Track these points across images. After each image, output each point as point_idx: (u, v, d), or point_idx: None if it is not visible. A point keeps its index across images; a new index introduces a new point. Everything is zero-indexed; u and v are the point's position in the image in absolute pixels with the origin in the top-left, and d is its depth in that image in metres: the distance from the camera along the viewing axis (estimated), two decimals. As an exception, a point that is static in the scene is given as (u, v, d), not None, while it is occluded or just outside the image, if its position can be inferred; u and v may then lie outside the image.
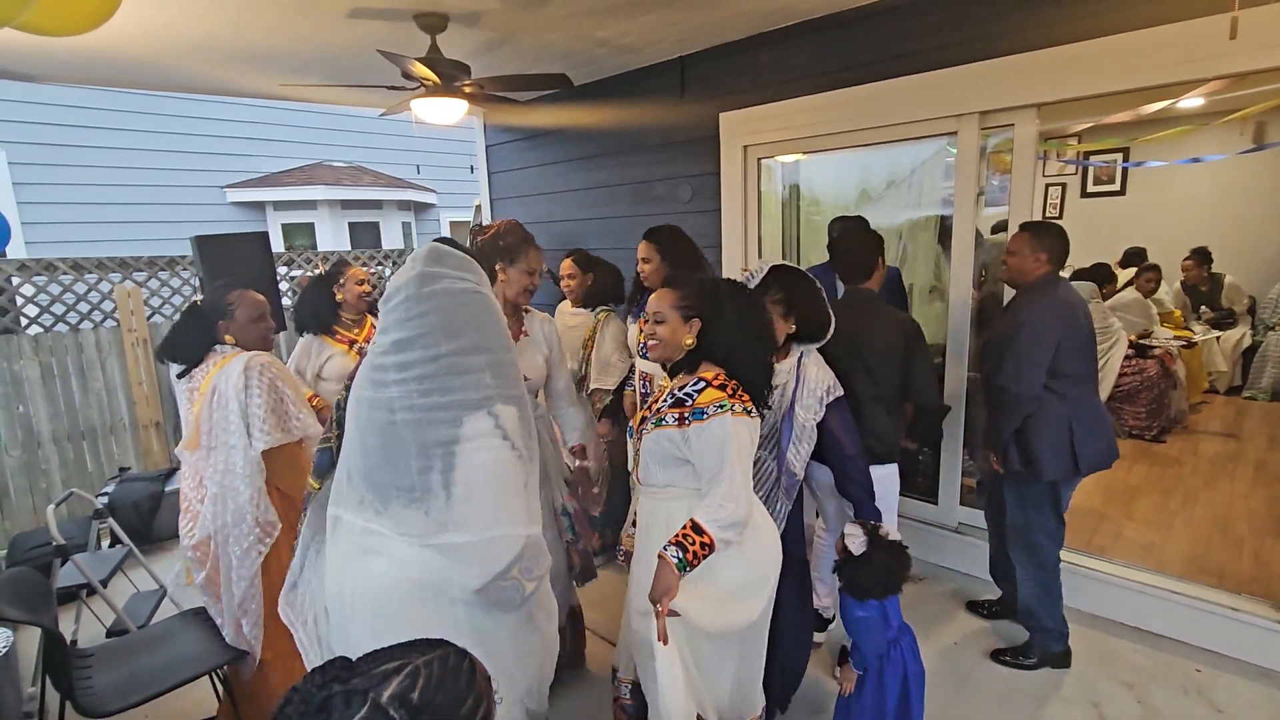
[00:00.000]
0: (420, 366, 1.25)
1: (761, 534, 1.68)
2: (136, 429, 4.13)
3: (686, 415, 1.60)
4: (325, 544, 1.43)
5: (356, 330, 2.90)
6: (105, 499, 3.53)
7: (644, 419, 1.75)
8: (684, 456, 1.61)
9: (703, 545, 1.48)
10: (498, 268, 2.10)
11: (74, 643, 2.54)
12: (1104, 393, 4.54)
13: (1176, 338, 5.00)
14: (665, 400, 1.69)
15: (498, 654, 1.36)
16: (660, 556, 1.49)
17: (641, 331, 2.79)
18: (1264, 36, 2.05)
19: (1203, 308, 5.56)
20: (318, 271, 3.16)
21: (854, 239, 2.36)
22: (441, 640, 0.80)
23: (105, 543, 3.22)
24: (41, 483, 3.83)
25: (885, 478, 2.32)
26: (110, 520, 2.97)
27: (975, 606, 2.81)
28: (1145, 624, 2.63)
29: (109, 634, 2.65)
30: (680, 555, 1.46)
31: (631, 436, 1.84)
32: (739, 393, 1.62)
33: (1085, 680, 2.38)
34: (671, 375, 1.77)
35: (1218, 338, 5.40)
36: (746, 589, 1.64)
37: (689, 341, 1.67)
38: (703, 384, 1.63)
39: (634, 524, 1.93)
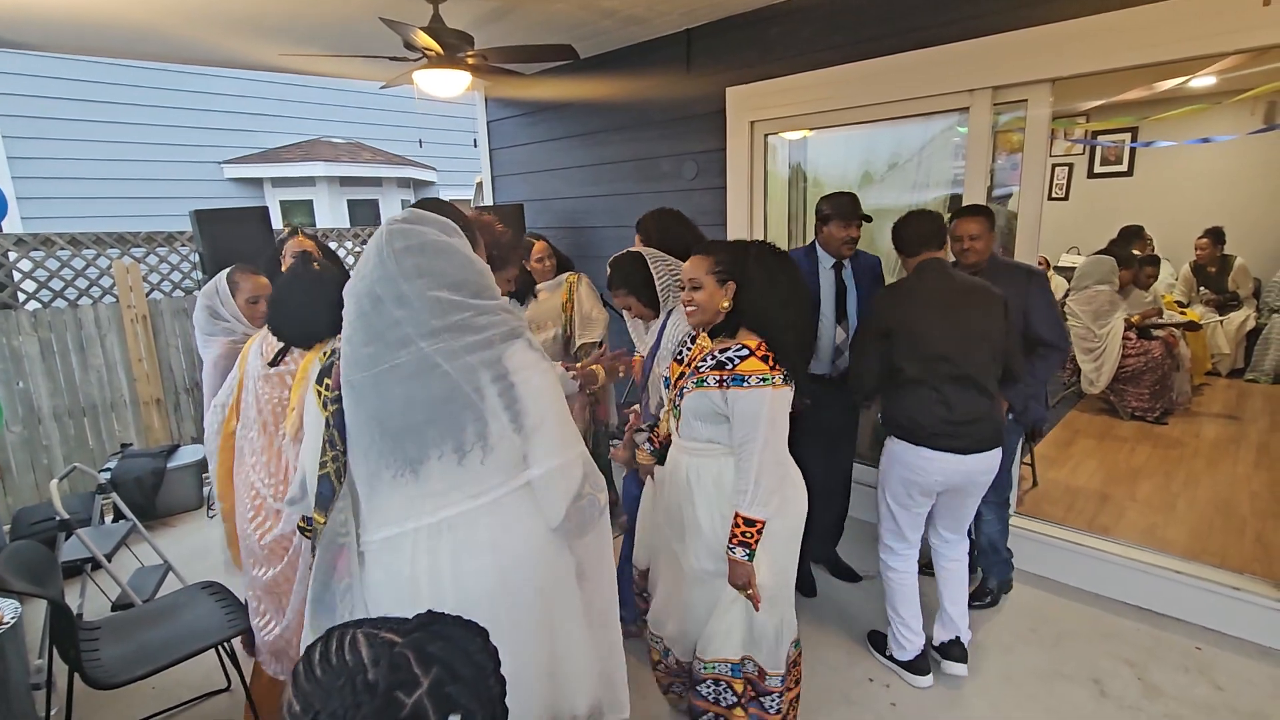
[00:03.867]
0: (442, 314, 1.18)
1: (793, 487, 1.80)
2: (137, 405, 4.11)
3: (726, 379, 1.67)
4: (356, 583, 1.28)
5: None
6: (108, 474, 3.53)
7: (682, 375, 1.82)
8: (725, 413, 1.70)
9: (759, 531, 1.66)
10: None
11: (79, 616, 2.55)
12: (1106, 374, 4.54)
13: (1181, 319, 4.97)
14: (706, 360, 1.74)
15: (594, 600, 1.38)
16: (729, 558, 1.69)
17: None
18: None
19: (1202, 289, 5.53)
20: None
21: (915, 213, 2.25)
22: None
23: (108, 518, 3.22)
24: (43, 459, 3.82)
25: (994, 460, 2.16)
26: (114, 495, 2.97)
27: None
28: (1147, 603, 2.64)
29: (114, 607, 2.67)
30: (748, 553, 1.67)
31: (667, 387, 1.91)
32: (778, 364, 1.68)
33: (1087, 658, 2.39)
34: (712, 337, 1.82)
35: (1221, 320, 5.38)
36: (782, 536, 1.77)
37: (725, 304, 1.74)
38: (746, 351, 1.69)
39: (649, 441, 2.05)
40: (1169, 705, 2.16)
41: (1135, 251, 5.04)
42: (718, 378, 1.68)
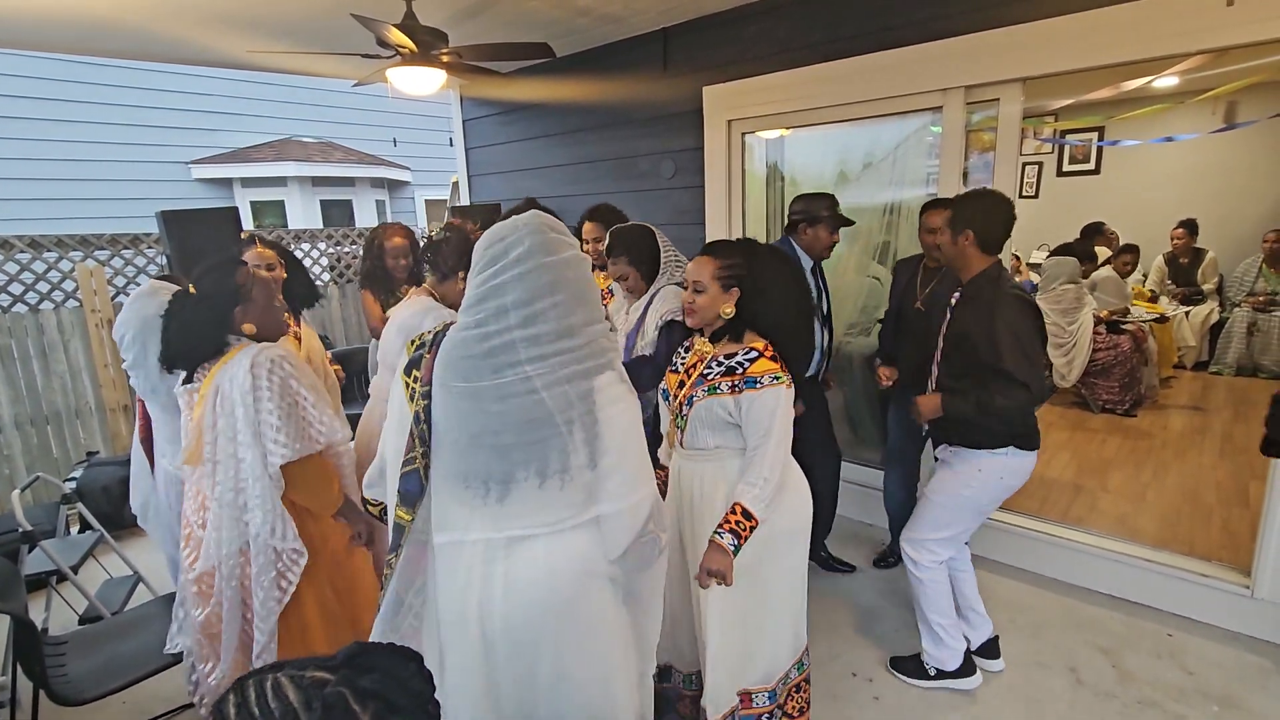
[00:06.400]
0: (556, 339, 1.16)
1: (797, 488, 1.78)
2: (103, 412, 3.99)
3: (739, 383, 1.66)
4: (427, 585, 1.26)
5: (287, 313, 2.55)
6: (73, 484, 3.42)
7: (681, 383, 1.79)
8: (736, 421, 1.68)
9: (752, 528, 1.61)
10: (460, 275, 2.08)
11: (45, 630, 2.47)
12: (1077, 368, 4.64)
13: (1149, 313, 5.10)
14: (715, 368, 1.71)
15: (643, 628, 1.35)
16: (715, 542, 1.60)
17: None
18: (1259, 7, 2.05)
19: (1168, 282, 5.68)
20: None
21: (990, 195, 2.05)
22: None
23: (74, 528, 3.13)
24: (4, 469, 3.70)
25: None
26: (79, 505, 2.88)
27: (880, 561, 3.03)
28: (1120, 591, 2.70)
29: (82, 621, 2.58)
30: (736, 543, 1.59)
31: (666, 400, 1.88)
32: (786, 366, 1.68)
33: (1063, 646, 2.44)
34: (713, 340, 1.78)
35: (1187, 313, 5.54)
36: (785, 536, 1.75)
37: (728, 310, 1.70)
38: (755, 354, 1.68)
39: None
40: (1142, 690, 2.21)
41: (1097, 248, 5.17)
42: (730, 383, 1.66)
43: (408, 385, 1.26)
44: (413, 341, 1.29)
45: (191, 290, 1.72)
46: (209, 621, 1.71)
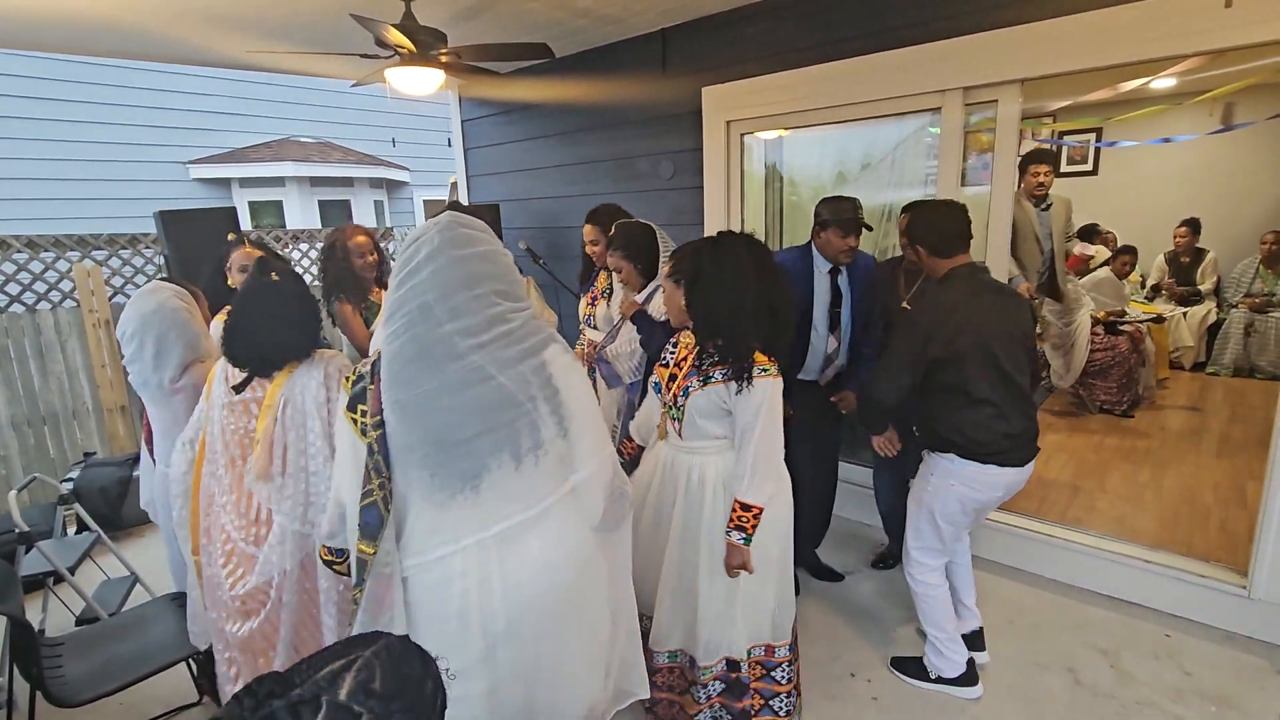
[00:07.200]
0: (489, 326, 1.18)
1: (783, 477, 1.85)
2: (101, 413, 3.99)
3: (730, 372, 1.72)
4: (398, 613, 1.23)
5: None
6: (70, 484, 3.41)
7: (672, 377, 1.86)
8: (730, 408, 1.74)
9: (755, 517, 1.71)
10: None
11: (42, 631, 2.46)
12: (1075, 369, 4.64)
13: (1146, 314, 5.11)
14: (705, 359, 1.77)
15: (619, 591, 1.42)
16: (729, 543, 1.74)
17: (592, 304, 2.85)
18: (1258, 9, 2.05)
19: (1170, 279, 5.69)
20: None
21: (941, 204, 2.08)
22: (375, 633, 0.76)
23: (71, 529, 3.12)
24: (1, 469, 3.69)
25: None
26: (76, 506, 2.88)
27: (879, 562, 3.05)
28: (1118, 592, 2.70)
29: (79, 622, 2.58)
30: (744, 536, 1.71)
31: (659, 392, 1.93)
32: (772, 356, 1.73)
33: (1061, 647, 2.44)
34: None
35: (1184, 314, 5.55)
36: (780, 519, 1.85)
37: (684, 304, 1.79)
38: None
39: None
40: (1141, 691, 2.21)
41: (1094, 249, 5.18)
42: (723, 371, 1.72)
43: (355, 422, 1.23)
44: (348, 378, 1.27)
45: (274, 277, 1.67)
46: (253, 637, 1.65)
